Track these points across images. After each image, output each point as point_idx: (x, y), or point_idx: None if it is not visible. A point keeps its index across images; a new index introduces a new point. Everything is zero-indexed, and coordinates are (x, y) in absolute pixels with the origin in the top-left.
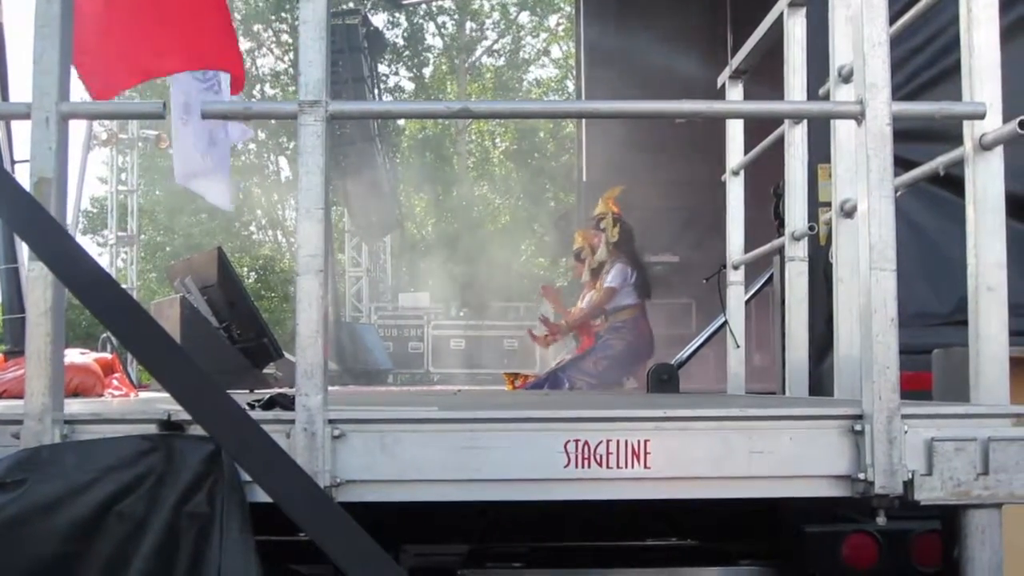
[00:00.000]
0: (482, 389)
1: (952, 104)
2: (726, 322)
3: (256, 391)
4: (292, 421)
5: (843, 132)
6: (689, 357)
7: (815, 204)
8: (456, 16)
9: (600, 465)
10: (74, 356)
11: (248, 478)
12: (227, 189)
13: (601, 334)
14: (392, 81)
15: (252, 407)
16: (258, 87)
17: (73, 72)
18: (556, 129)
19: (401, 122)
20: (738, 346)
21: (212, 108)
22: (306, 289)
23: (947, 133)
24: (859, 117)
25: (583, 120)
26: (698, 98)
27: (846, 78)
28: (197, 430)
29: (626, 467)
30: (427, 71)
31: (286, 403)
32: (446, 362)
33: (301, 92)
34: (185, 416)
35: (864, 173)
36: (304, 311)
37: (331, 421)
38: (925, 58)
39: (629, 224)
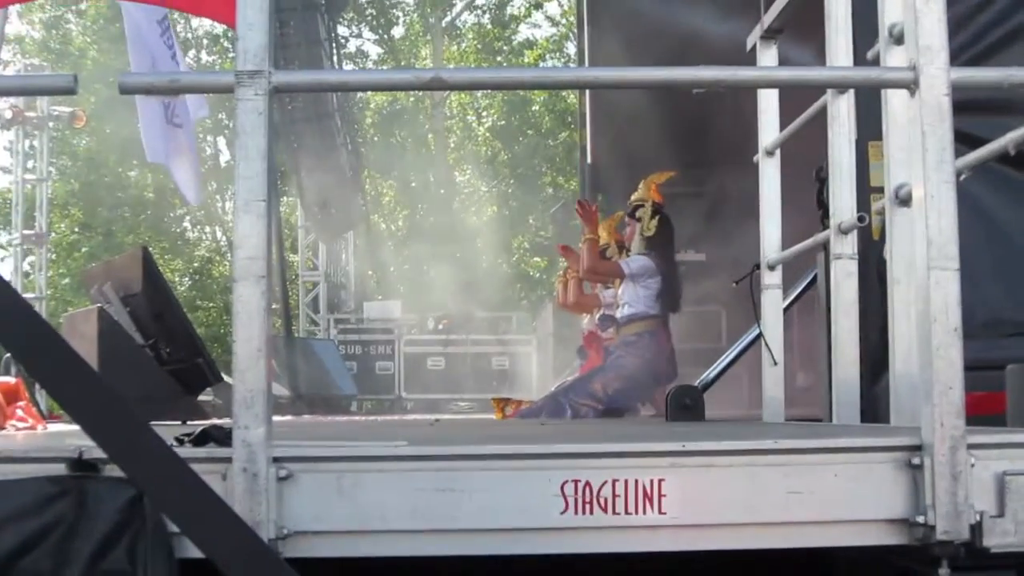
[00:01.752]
0: (465, 419)
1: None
2: (761, 334)
3: (189, 423)
4: (229, 460)
5: (896, 103)
6: (717, 377)
7: (866, 190)
8: None
9: (605, 510)
10: None
11: (176, 529)
12: (197, 177)
13: (612, 349)
14: (354, 45)
15: (181, 442)
16: (192, 52)
17: None
18: (553, 101)
19: (366, 95)
20: (775, 363)
21: (131, 81)
22: (245, 298)
23: (1019, 104)
24: (912, 86)
25: (586, 90)
26: (723, 63)
27: (898, 39)
28: (115, 471)
29: (637, 512)
30: (397, 32)
31: (222, 437)
32: (422, 386)
33: (239, 60)
34: (100, 454)
35: (920, 153)
36: (243, 325)
37: (276, 459)
38: (991, 15)
39: (670, 220)
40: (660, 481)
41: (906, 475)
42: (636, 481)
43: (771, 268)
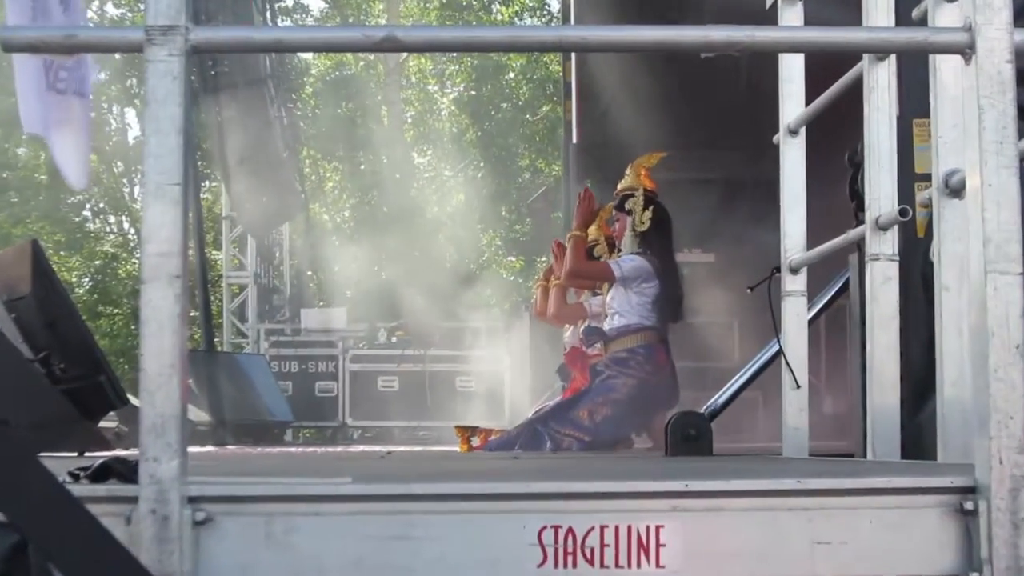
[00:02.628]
0: (423, 451)
1: None
2: (781, 351)
3: (87, 454)
4: (135, 499)
5: (947, 73)
6: (728, 403)
7: (909, 177)
8: None
9: (591, 562)
10: None
11: None
12: (83, 155)
13: (600, 368)
14: None
15: (76, 478)
16: (96, 4)
17: None
18: (533, 68)
19: (306, 57)
20: (798, 386)
21: (16, 37)
22: (156, 303)
23: None
24: (966, 51)
25: (572, 55)
26: (738, 23)
27: None
28: None
29: (630, 566)
30: None
31: (126, 472)
32: (371, 411)
33: (149, 14)
34: None
35: (975, 132)
36: (153, 336)
37: (193, 499)
38: None
39: (666, 210)
40: (658, 528)
41: (957, 523)
42: (629, 528)
43: (793, 271)
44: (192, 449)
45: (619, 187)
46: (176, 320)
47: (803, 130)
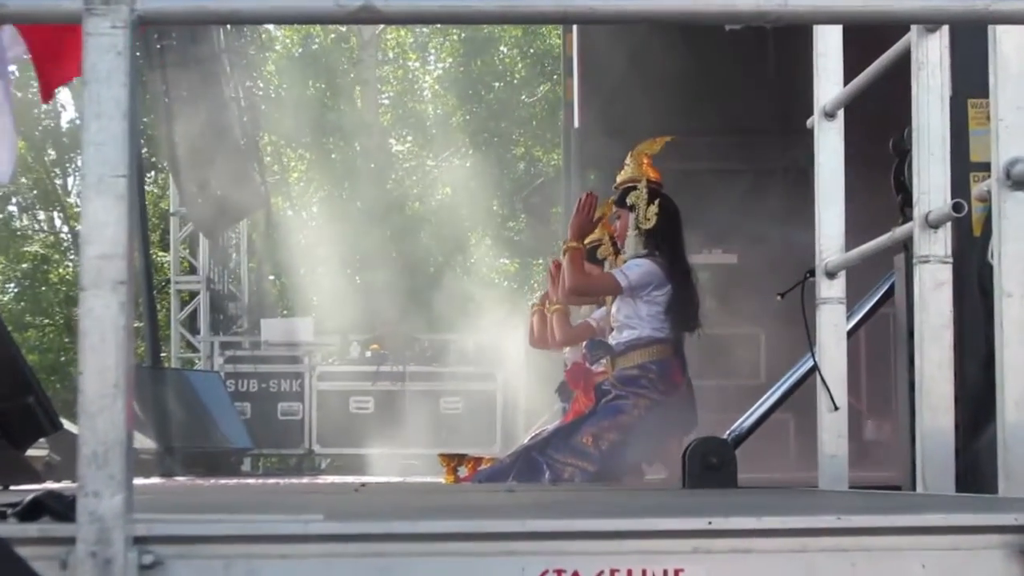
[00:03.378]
0: (402, 482)
1: None
2: (815, 367)
3: (13, 487)
4: (73, 540)
5: (1008, 46)
6: (754, 427)
7: (964, 167)
8: None
9: None
10: None
11: None
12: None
13: (606, 387)
14: None
15: (3, 515)
16: None
17: None
18: (529, 41)
19: (268, 30)
20: (836, 407)
21: None
22: (97, 312)
23: None
24: None
25: (573, 27)
26: None
27: None
28: None
29: None
30: None
31: (62, 509)
32: (342, 436)
33: None
34: None
35: None
36: (93, 350)
37: (139, 539)
38: None
39: (674, 203)
40: (677, 572)
41: (1022, 566)
42: (644, 572)
43: (830, 275)
44: (137, 482)
45: (618, 179)
46: (121, 332)
47: (841, 113)
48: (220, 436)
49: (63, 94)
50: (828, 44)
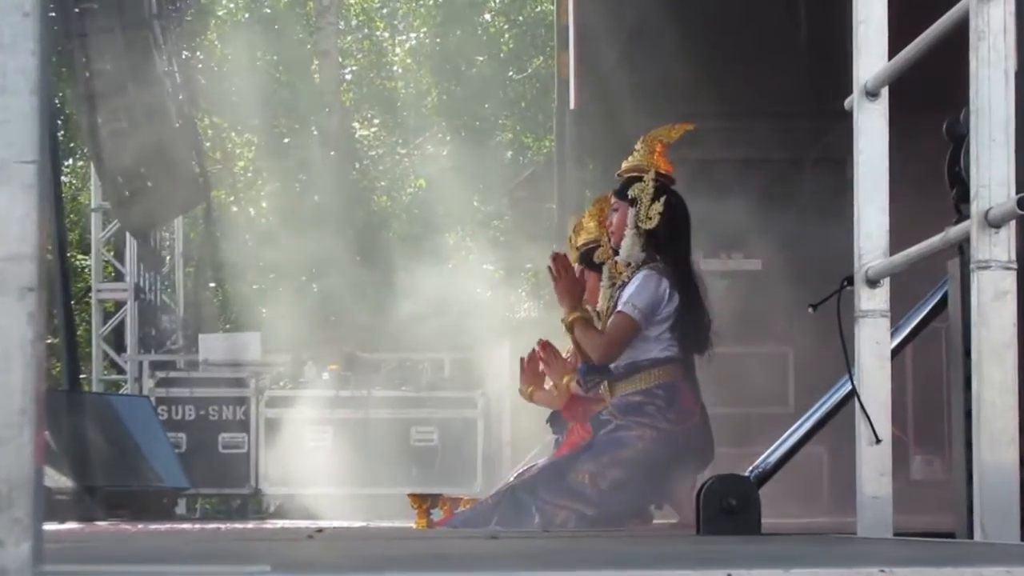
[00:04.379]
0: (365, 527)
1: None
2: (854, 392)
3: None
4: None
5: None
6: (781, 463)
7: None
8: None
9: None
10: None
11: None
12: None
13: (605, 416)
14: None
15: None
16: None
17: None
18: (518, 7)
19: None
20: (878, 440)
21: None
22: (0, 326)
23: None
24: None
25: None
26: None
27: None
28: None
29: None
30: None
31: None
32: (294, 473)
33: None
34: None
35: None
36: None
37: None
38: None
39: (683, 202)
40: None
41: None
42: None
43: (872, 283)
44: (49, 527)
45: (623, 166)
46: (29, 348)
47: (885, 91)
48: (150, 473)
49: None
50: (870, 10)
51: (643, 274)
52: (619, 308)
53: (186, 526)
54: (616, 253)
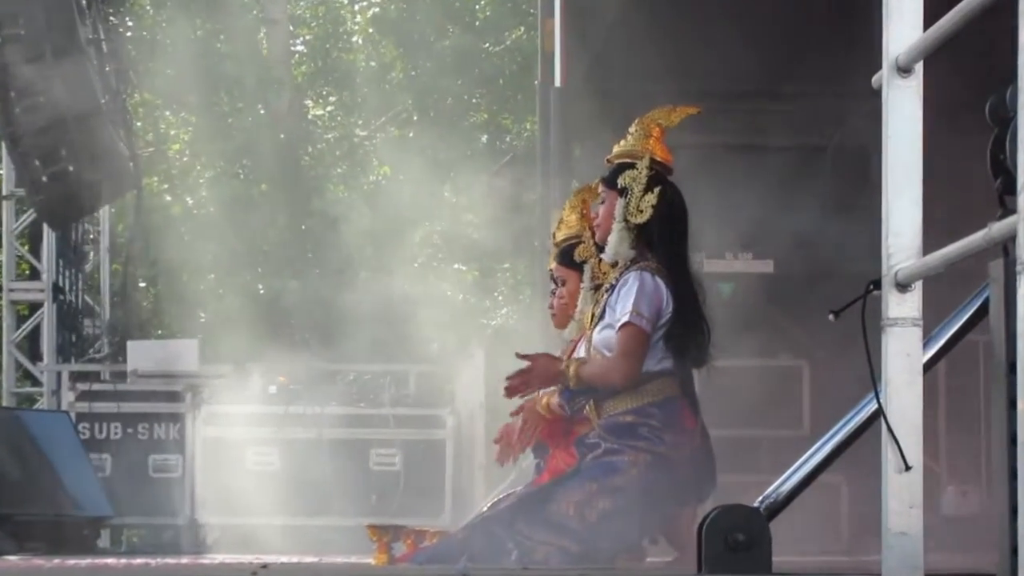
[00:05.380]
0: (317, 563)
1: None
2: (881, 412)
3: None
4: None
5: None
6: (795, 493)
7: None
8: None
9: None
10: None
11: None
12: None
13: (592, 440)
14: None
15: None
16: None
17: None
18: None
19: None
20: (907, 468)
21: None
22: None
23: None
24: None
25: None
26: None
27: None
28: None
29: None
30: None
31: None
32: (236, 501)
33: None
34: None
35: None
36: None
37: None
38: None
39: (680, 195)
40: None
41: None
42: None
43: (902, 287)
44: None
45: (614, 151)
46: None
47: (919, 67)
48: (68, 500)
49: None
50: None
51: (635, 274)
52: (623, 321)
53: (110, 561)
54: (601, 250)
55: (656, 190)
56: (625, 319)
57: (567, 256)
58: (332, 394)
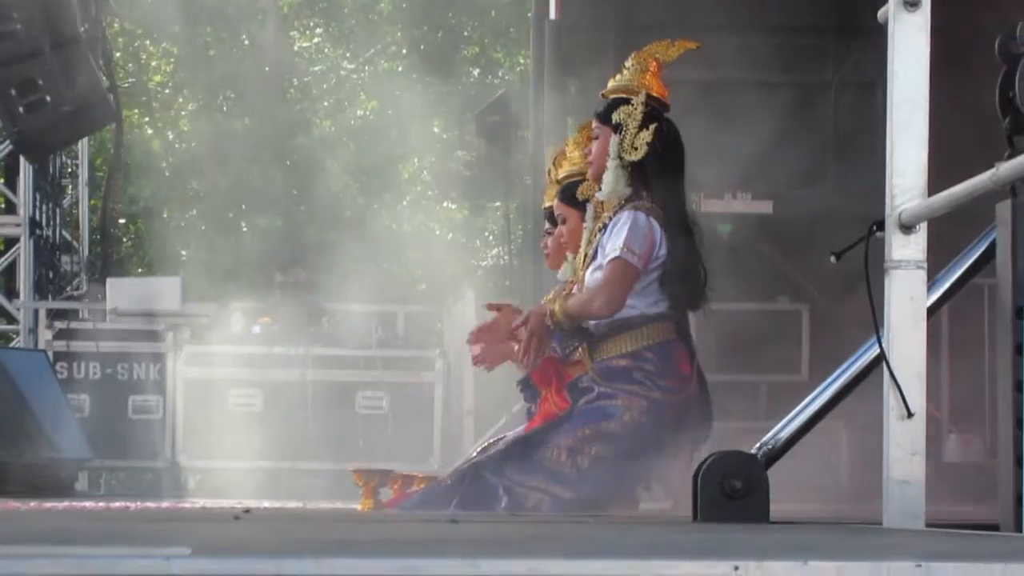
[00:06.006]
0: (301, 508)
1: None
2: (882, 358)
3: None
4: None
5: None
6: (794, 440)
7: None
8: None
9: None
10: None
11: None
12: None
13: (586, 383)
14: None
15: None
16: None
17: None
18: None
19: None
20: (910, 415)
21: None
22: None
23: None
24: None
25: None
26: None
27: None
28: None
29: None
30: None
31: None
32: (218, 444)
33: None
34: None
35: None
36: None
37: None
38: None
39: (677, 132)
40: None
41: None
42: None
43: (906, 229)
44: None
45: (609, 85)
46: None
47: (926, 0)
48: (45, 441)
49: None
50: None
51: (627, 213)
52: (612, 256)
53: (88, 504)
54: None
55: (652, 127)
56: (615, 254)
57: (569, 193)
58: (317, 335)
